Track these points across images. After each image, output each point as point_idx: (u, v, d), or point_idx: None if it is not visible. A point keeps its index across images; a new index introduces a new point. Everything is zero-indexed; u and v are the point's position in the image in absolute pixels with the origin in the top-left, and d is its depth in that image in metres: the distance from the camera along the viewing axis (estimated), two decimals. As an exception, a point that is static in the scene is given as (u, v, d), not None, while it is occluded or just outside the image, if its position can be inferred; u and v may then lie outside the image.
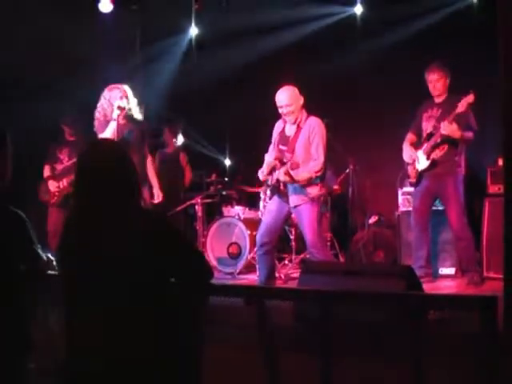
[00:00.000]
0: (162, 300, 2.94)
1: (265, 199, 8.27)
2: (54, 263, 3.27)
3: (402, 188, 8.22)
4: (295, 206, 6.42)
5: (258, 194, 8.49)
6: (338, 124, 8.24)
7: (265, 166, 6.64)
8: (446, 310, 3.67)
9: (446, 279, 7.46)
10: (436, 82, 7.02)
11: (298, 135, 6.44)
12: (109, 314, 2.86)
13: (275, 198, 6.63)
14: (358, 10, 9.79)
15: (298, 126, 6.46)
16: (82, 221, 2.98)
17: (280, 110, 6.48)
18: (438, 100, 7.09)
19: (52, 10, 8.49)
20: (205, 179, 9.64)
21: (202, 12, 10.21)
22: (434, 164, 6.95)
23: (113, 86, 6.75)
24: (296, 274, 7.29)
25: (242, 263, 8.27)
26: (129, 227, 2.91)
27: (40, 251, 3.40)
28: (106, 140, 4.48)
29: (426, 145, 6.99)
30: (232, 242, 8.48)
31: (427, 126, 7.06)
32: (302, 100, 6.49)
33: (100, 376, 2.86)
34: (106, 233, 2.90)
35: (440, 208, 7.31)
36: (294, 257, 8.18)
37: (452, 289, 6.97)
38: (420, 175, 7.10)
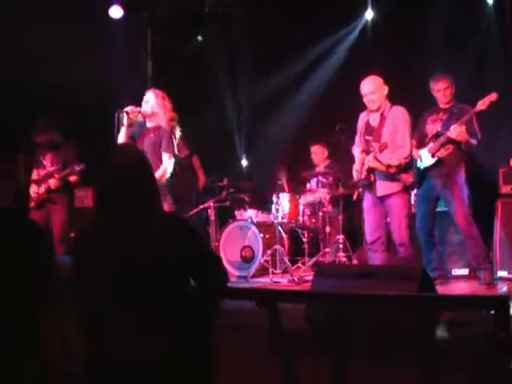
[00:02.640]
0: (180, 303, 2.97)
1: (277, 202, 8.29)
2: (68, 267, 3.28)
3: (414, 189, 8.22)
4: (384, 196, 6.51)
5: (271, 197, 8.51)
6: (353, 128, 8.31)
7: (357, 161, 6.77)
8: (459, 310, 3.67)
9: (459, 280, 7.44)
10: (445, 90, 7.06)
11: (383, 124, 6.59)
12: (129, 318, 2.89)
13: (367, 195, 6.73)
14: (369, 15, 9.84)
15: (382, 115, 6.62)
16: (103, 226, 3.02)
17: (364, 99, 6.66)
18: (444, 106, 7.13)
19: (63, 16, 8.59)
20: (216, 184, 9.61)
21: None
22: (438, 162, 6.96)
23: (150, 89, 6.79)
24: (309, 277, 7.29)
25: (255, 266, 8.26)
26: (151, 232, 2.94)
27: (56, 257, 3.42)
28: (123, 147, 4.50)
29: (431, 144, 6.96)
30: (245, 245, 8.48)
31: (433, 128, 7.06)
32: (386, 90, 6.65)
33: (119, 378, 2.89)
34: (128, 238, 2.94)
35: (447, 209, 7.29)
36: (307, 259, 8.19)
37: (465, 289, 6.94)
38: (422, 175, 7.09)
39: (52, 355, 3.38)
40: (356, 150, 6.85)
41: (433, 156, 6.95)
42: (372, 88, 6.60)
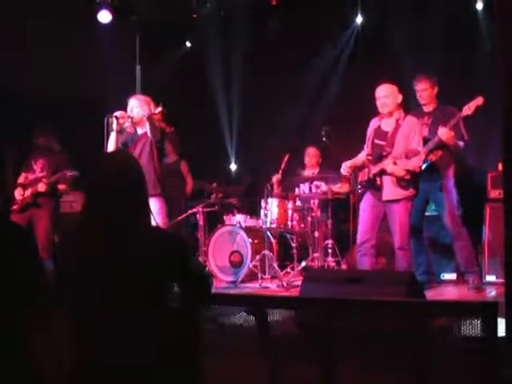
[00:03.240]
0: (165, 310, 2.96)
1: (266, 207, 8.27)
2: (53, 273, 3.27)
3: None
4: (388, 201, 6.50)
5: (260, 201, 8.49)
6: (339, 131, 8.30)
7: (352, 160, 6.82)
8: (447, 316, 3.67)
9: (448, 284, 7.46)
10: (422, 92, 7.20)
11: (398, 131, 6.60)
12: (113, 323, 2.88)
13: (368, 195, 6.72)
14: (359, 19, 9.85)
15: (397, 122, 6.63)
16: (91, 234, 3.00)
17: (377, 102, 6.70)
18: (427, 109, 7.22)
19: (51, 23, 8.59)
20: (205, 188, 9.61)
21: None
22: (427, 167, 6.97)
23: (132, 96, 6.79)
24: (298, 282, 7.28)
25: (243, 272, 8.25)
26: (138, 238, 2.93)
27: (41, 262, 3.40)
28: (114, 152, 4.52)
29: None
30: (234, 250, 8.46)
31: None
32: (400, 98, 6.69)
33: (105, 382, 2.89)
34: (114, 243, 2.92)
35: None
36: (296, 264, 8.18)
37: (454, 294, 6.97)
38: None
39: (41, 357, 3.36)
40: (360, 155, 6.89)
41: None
42: (386, 92, 6.65)
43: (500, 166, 7.25)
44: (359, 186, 6.79)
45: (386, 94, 6.64)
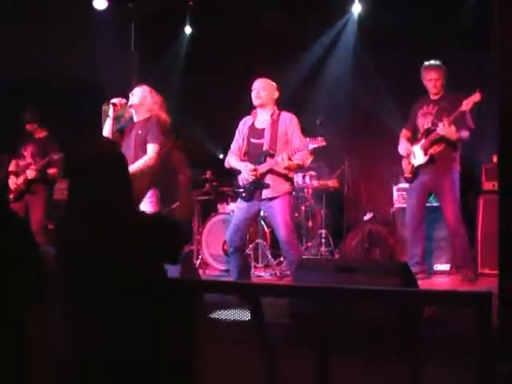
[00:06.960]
0: (158, 299, 2.96)
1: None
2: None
3: (396, 184, 8.22)
4: (268, 199, 6.34)
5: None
6: (333, 121, 8.29)
7: (243, 166, 6.50)
8: (441, 306, 3.68)
9: (441, 275, 7.48)
10: (436, 81, 6.97)
11: (275, 127, 6.41)
12: (105, 314, 2.87)
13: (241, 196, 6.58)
14: (357, 9, 9.76)
15: (272, 118, 6.45)
16: (77, 220, 2.99)
17: (252, 94, 6.52)
18: (434, 97, 7.05)
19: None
20: (199, 177, 9.57)
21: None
22: (431, 160, 6.92)
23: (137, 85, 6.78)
24: (291, 271, 7.29)
25: (237, 260, 8.25)
26: (123, 227, 2.92)
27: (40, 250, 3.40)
28: (98, 140, 4.48)
29: (423, 140, 6.93)
30: (227, 239, 8.46)
31: (424, 122, 7.01)
32: (276, 94, 6.54)
33: (99, 375, 2.88)
34: (100, 233, 2.91)
35: (435, 204, 7.31)
36: (289, 254, 8.18)
37: (447, 285, 6.98)
38: (416, 171, 7.05)
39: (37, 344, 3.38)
40: (233, 158, 6.66)
41: (425, 153, 6.90)
42: (263, 85, 6.51)
43: (495, 158, 7.26)
44: (242, 190, 6.55)
45: (262, 87, 6.49)
